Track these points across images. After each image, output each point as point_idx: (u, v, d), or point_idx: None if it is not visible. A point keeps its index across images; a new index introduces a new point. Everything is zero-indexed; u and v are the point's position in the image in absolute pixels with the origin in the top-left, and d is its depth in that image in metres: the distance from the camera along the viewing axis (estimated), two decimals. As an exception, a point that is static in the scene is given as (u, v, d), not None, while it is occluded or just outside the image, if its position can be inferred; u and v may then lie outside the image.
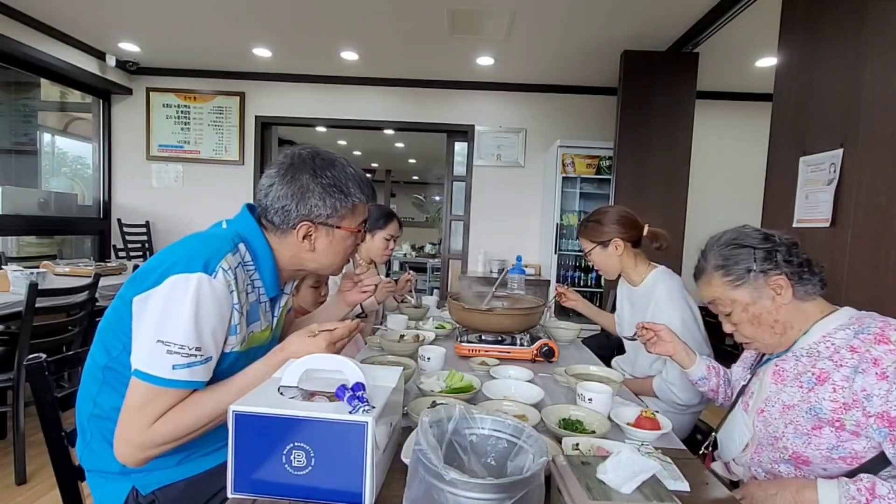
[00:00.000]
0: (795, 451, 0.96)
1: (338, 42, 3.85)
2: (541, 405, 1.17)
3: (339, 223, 1.03)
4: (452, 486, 0.59)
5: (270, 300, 1.07)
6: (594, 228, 1.76)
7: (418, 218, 12.34)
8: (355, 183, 1.04)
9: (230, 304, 0.91)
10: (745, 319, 1.06)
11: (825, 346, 0.98)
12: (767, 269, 1.02)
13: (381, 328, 2.10)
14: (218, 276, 0.88)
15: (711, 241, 1.13)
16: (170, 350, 0.83)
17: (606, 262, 1.77)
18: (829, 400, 0.93)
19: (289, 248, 1.03)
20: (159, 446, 0.87)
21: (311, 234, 1.01)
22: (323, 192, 1.00)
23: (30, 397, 1.17)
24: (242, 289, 0.95)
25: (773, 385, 1.05)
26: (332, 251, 1.06)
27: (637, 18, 3.19)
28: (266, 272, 1.02)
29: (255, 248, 1.00)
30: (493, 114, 4.75)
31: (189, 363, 0.85)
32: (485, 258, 4.69)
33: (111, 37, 3.94)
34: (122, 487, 0.95)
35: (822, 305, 1.04)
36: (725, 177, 4.68)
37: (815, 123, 1.92)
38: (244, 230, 1.00)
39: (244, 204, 1.06)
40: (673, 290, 1.64)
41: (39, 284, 2.05)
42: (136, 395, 0.85)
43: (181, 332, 0.84)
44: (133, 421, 0.85)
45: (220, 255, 0.90)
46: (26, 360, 0.99)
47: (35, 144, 4.63)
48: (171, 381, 0.84)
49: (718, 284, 1.07)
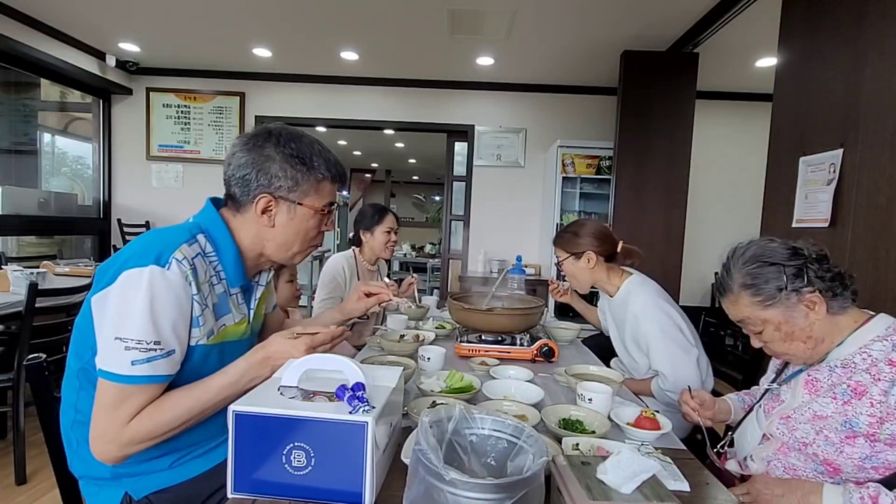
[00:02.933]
0: (826, 458, 0.94)
1: (338, 42, 3.85)
2: (541, 405, 1.17)
3: (301, 199, 0.99)
4: (452, 486, 0.59)
5: (243, 292, 1.05)
6: (569, 239, 1.76)
7: (418, 218, 12.34)
8: (321, 159, 1.00)
9: (188, 294, 0.89)
10: (777, 338, 1.01)
11: (861, 357, 0.95)
12: (800, 287, 0.96)
13: (381, 328, 2.10)
14: (171, 267, 0.86)
15: (734, 256, 1.05)
16: (127, 346, 0.82)
17: (577, 274, 1.77)
18: (867, 414, 0.90)
19: (249, 226, 1.00)
20: (138, 444, 0.86)
21: (270, 208, 0.98)
22: (284, 162, 0.96)
23: (30, 397, 1.17)
24: (205, 280, 0.93)
25: (807, 395, 1.01)
26: (291, 230, 1.01)
27: (637, 18, 3.19)
28: (228, 261, 0.98)
29: (216, 238, 0.98)
30: (493, 114, 4.75)
31: (148, 357, 0.83)
32: (485, 258, 4.69)
33: (111, 37, 3.94)
34: (115, 494, 0.94)
35: (856, 315, 1.00)
36: (725, 177, 4.68)
37: (815, 123, 1.92)
38: (204, 221, 0.99)
39: (208, 198, 1.04)
40: (646, 300, 1.63)
41: (39, 284, 2.05)
42: (105, 395, 0.84)
43: (137, 326, 0.82)
44: (105, 420, 0.84)
45: (174, 246, 0.88)
46: (26, 360, 0.99)
47: (35, 144, 4.63)
48: (133, 378, 0.83)
49: (747, 304, 1.01)
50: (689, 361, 1.56)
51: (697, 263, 4.48)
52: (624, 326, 1.70)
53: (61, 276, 2.89)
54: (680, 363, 1.55)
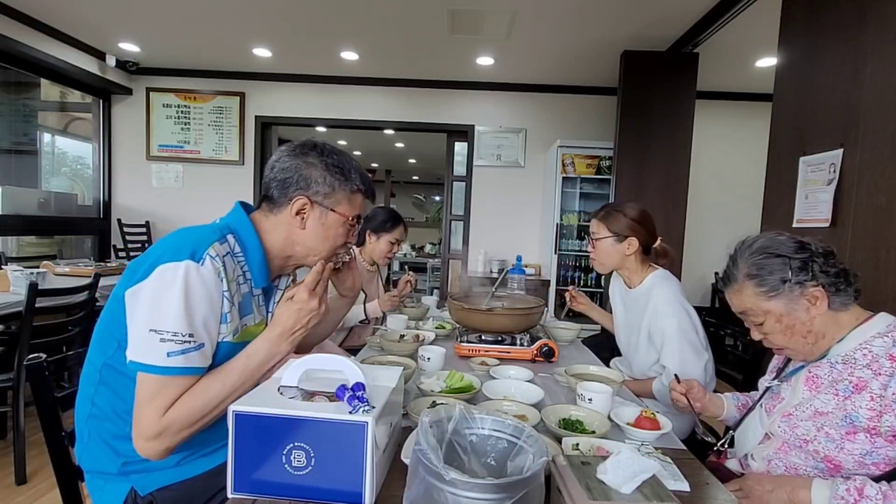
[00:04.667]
0: (827, 455, 0.95)
1: (338, 42, 3.85)
2: (541, 405, 1.17)
3: (334, 206, 1.04)
4: (452, 486, 0.59)
5: (264, 294, 1.08)
6: (617, 219, 1.70)
7: (418, 218, 12.35)
8: (359, 174, 1.07)
9: (220, 290, 0.91)
10: (777, 330, 1.02)
11: (862, 353, 0.96)
12: (804, 280, 0.97)
13: (381, 328, 2.10)
14: (206, 263, 0.89)
15: (742, 247, 1.07)
16: (163, 338, 0.84)
17: (611, 254, 1.72)
18: (867, 408, 0.91)
19: (281, 228, 1.04)
20: (176, 433, 0.87)
21: (304, 210, 1.03)
22: (325, 170, 1.03)
23: (30, 397, 1.17)
24: (233, 278, 0.95)
25: (807, 392, 1.02)
26: (321, 234, 1.05)
27: (637, 18, 3.19)
28: (255, 262, 1.02)
29: (244, 239, 1.01)
30: (493, 114, 4.75)
31: (183, 350, 0.86)
32: (485, 258, 4.69)
33: (111, 37, 3.95)
34: (121, 489, 0.95)
35: (857, 312, 1.01)
36: (725, 177, 4.68)
37: (815, 123, 1.92)
38: (233, 222, 1.02)
39: (237, 201, 1.08)
40: (670, 296, 1.63)
41: (39, 284, 2.05)
42: (142, 389, 0.86)
43: (172, 319, 0.84)
44: (145, 414, 0.85)
45: (207, 242, 0.91)
46: (26, 360, 0.99)
47: (35, 144, 4.63)
48: (168, 369, 0.85)
49: (750, 295, 1.02)
50: (699, 364, 1.55)
51: (697, 263, 4.49)
52: (641, 318, 1.67)
53: (61, 276, 2.89)
54: (689, 364, 1.55)
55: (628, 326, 1.79)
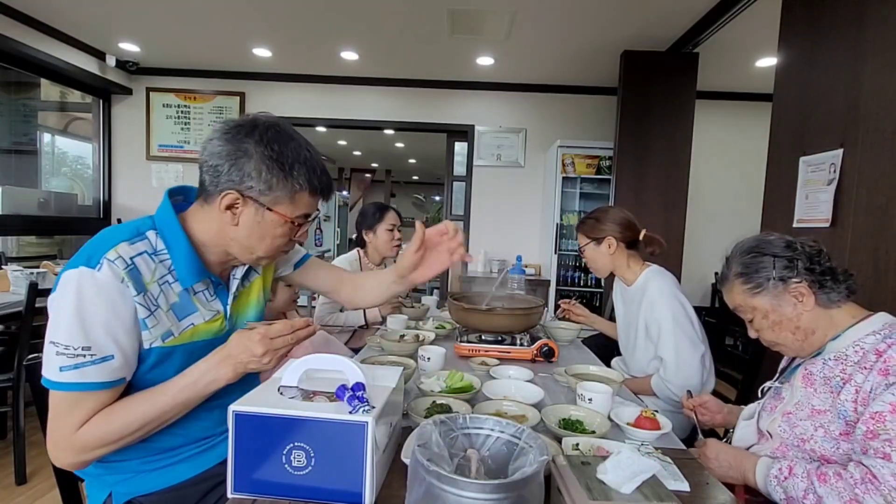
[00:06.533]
0: (823, 455, 0.96)
1: (338, 42, 3.85)
2: (541, 405, 1.17)
3: (271, 205, 0.90)
4: (453, 486, 0.59)
5: (214, 287, 0.98)
6: (591, 225, 1.78)
7: (418, 218, 12.34)
8: (304, 168, 0.90)
9: (126, 296, 0.82)
10: (765, 326, 1.07)
11: (854, 350, 0.98)
12: (787, 277, 1.02)
13: (382, 328, 2.09)
14: (102, 268, 0.80)
15: (736, 247, 1.12)
16: (58, 351, 0.78)
17: (597, 259, 1.79)
18: (851, 401, 0.93)
19: (212, 222, 0.92)
20: (92, 450, 0.83)
21: (237, 205, 0.89)
22: (260, 163, 0.87)
23: (30, 397, 1.17)
24: (153, 279, 0.86)
25: (804, 388, 1.04)
26: (256, 233, 0.92)
27: (637, 18, 3.19)
28: (180, 258, 0.90)
29: (166, 235, 0.91)
30: (492, 114, 4.75)
31: (76, 364, 0.78)
32: (485, 258, 4.69)
33: (111, 37, 3.94)
34: (101, 493, 0.94)
35: (854, 311, 1.03)
36: (725, 177, 4.68)
37: (815, 123, 1.92)
38: (158, 216, 0.92)
39: (166, 189, 0.97)
40: (664, 289, 1.65)
41: (39, 284, 2.05)
42: (51, 403, 0.82)
43: (64, 331, 0.78)
44: (55, 426, 0.82)
45: (108, 245, 0.83)
46: (26, 360, 0.99)
47: (35, 144, 4.63)
48: (61, 385, 0.79)
49: (739, 292, 1.08)
50: (695, 355, 1.57)
51: (697, 263, 4.48)
52: (638, 312, 1.70)
53: (61, 276, 2.88)
54: (685, 355, 1.56)
55: (627, 324, 1.80)
